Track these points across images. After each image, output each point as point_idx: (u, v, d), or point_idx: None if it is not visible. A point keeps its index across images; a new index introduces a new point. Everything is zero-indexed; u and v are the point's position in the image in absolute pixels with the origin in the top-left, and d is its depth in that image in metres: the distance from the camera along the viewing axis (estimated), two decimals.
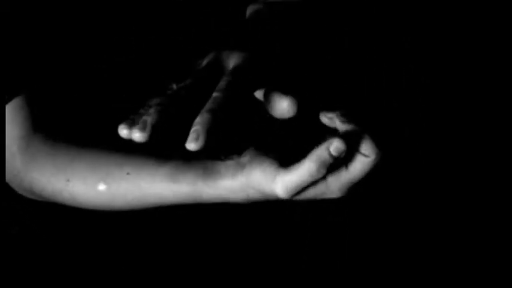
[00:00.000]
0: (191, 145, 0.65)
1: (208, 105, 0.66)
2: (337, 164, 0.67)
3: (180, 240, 0.97)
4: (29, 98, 0.81)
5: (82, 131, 0.85)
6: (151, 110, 0.67)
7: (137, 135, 0.66)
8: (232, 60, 0.73)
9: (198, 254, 0.98)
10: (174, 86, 0.70)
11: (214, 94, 0.68)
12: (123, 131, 0.67)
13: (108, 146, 0.80)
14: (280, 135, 0.75)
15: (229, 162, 0.72)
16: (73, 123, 0.85)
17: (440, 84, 1.00)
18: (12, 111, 0.81)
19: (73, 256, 0.98)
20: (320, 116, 0.71)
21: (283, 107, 0.69)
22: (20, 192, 0.85)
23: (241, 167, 0.71)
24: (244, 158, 0.72)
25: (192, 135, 0.65)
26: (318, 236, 0.97)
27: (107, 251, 0.98)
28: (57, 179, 0.80)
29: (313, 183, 0.69)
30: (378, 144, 0.68)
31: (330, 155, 0.66)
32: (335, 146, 0.66)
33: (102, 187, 0.78)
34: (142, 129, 0.66)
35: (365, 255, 0.99)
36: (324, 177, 0.69)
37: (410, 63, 0.99)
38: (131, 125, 0.67)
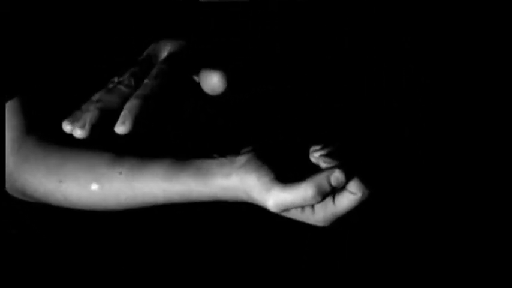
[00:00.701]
0: (118, 128, 0.68)
1: (138, 91, 0.70)
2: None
3: (180, 240, 0.97)
4: (22, 100, 0.82)
5: None
6: (91, 107, 0.69)
7: (78, 133, 0.69)
8: (167, 49, 0.76)
9: (197, 254, 0.98)
10: (116, 80, 0.73)
11: (145, 81, 0.71)
12: (67, 127, 0.70)
13: (100, 146, 0.80)
14: (280, 143, 0.75)
15: (224, 161, 0.72)
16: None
17: (440, 84, 1.00)
18: (6, 113, 0.81)
19: (72, 256, 0.98)
20: (309, 154, 0.73)
21: (213, 81, 0.71)
22: (12, 193, 0.85)
23: (237, 167, 0.71)
24: (241, 158, 0.72)
25: (119, 120, 0.68)
26: (317, 236, 0.97)
27: (105, 251, 0.98)
28: (50, 180, 0.80)
29: (302, 206, 0.70)
30: (365, 182, 0.69)
31: (329, 184, 0.67)
32: (335, 176, 0.67)
33: (94, 187, 0.78)
34: (82, 127, 0.69)
35: (365, 256, 0.99)
36: (312, 205, 0.70)
37: (410, 63, 0.99)
38: (73, 121, 0.69)
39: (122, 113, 0.68)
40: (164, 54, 0.76)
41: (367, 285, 0.99)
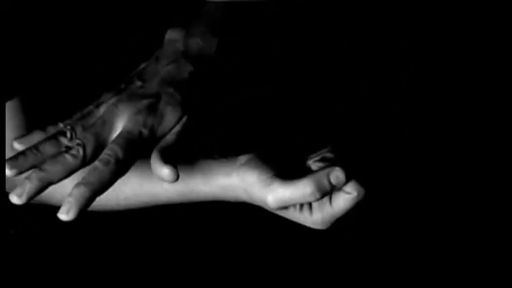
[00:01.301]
0: (61, 216, 0.63)
1: (88, 177, 0.64)
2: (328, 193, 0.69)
3: (180, 240, 0.97)
4: (23, 100, 0.82)
5: None
6: (33, 175, 0.64)
7: (14, 199, 0.64)
8: (124, 117, 0.69)
9: (197, 254, 0.98)
10: (69, 130, 0.67)
11: (96, 164, 0.65)
12: (8, 172, 0.65)
13: None
14: (280, 143, 0.75)
15: (224, 160, 0.72)
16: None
17: (440, 84, 1.00)
18: (6, 113, 0.81)
19: (72, 256, 0.98)
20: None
21: (163, 175, 0.67)
22: None
23: (237, 166, 0.71)
24: (242, 158, 0.72)
25: (64, 207, 0.63)
26: (317, 237, 0.97)
27: (105, 251, 0.98)
28: None
29: (301, 205, 0.70)
30: (361, 182, 0.69)
31: (329, 182, 0.68)
32: (336, 175, 0.68)
33: None
34: (19, 195, 0.64)
35: (364, 256, 0.99)
36: (310, 206, 0.70)
37: (410, 63, 0.99)
38: (14, 167, 0.65)
39: (68, 200, 0.63)
40: (120, 124, 0.69)
41: (366, 286, 0.99)
